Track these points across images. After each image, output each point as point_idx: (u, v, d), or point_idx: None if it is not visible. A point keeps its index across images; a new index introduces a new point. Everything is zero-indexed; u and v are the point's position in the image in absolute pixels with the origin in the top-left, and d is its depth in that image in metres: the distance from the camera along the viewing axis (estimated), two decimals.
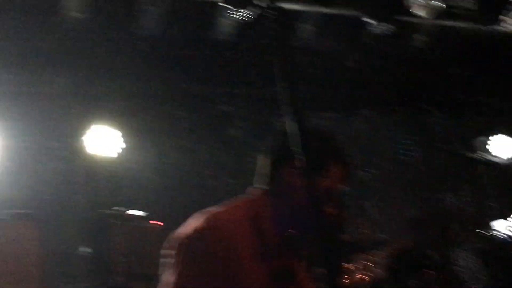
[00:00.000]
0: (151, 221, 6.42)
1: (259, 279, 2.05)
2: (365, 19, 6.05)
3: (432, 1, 5.97)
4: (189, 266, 2.01)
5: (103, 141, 6.95)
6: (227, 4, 5.58)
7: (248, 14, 5.57)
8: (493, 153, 7.87)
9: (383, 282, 6.08)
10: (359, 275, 6.13)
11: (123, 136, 7.07)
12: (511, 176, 8.29)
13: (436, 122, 8.27)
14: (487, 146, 7.91)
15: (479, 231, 7.52)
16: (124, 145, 7.07)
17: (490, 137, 7.93)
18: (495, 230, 7.21)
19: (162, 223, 6.31)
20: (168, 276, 2.06)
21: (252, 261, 2.05)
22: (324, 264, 1.62)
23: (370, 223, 7.23)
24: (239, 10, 5.60)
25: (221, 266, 1.99)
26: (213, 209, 2.18)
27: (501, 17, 6.58)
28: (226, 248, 2.01)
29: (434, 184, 7.08)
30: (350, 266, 6.06)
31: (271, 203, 2.21)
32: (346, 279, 5.90)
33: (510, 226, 7.21)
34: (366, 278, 6.11)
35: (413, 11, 6.05)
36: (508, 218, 7.34)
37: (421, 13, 6.02)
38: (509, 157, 7.98)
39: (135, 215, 6.47)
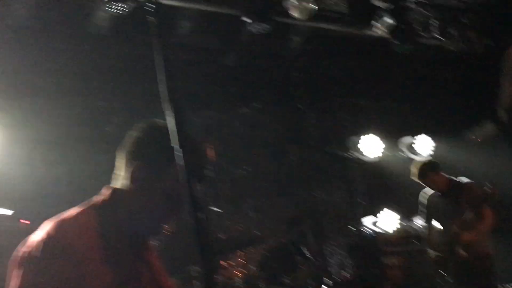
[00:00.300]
0: (21, 220, 6.13)
1: (106, 284, 2.01)
2: (243, 18, 6.10)
3: (305, 3, 6.12)
4: (30, 279, 1.93)
5: None
6: None
7: (126, 7, 5.45)
8: (363, 152, 8.19)
9: (258, 278, 6.18)
10: (234, 272, 6.19)
11: None
12: (379, 174, 8.70)
13: (310, 122, 8.50)
14: (358, 145, 8.21)
15: (349, 226, 7.83)
16: None
17: (361, 137, 8.25)
18: (363, 225, 7.54)
19: (29, 222, 6.01)
20: None
21: (98, 266, 1.99)
22: (199, 262, 1.62)
23: (245, 221, 7.32)
24: (118, 3, 5.47)
25: (65, 274, 1.92)
26: (62, 215, 2.10)
27: (372, 22, 6.88)
28: (70, 255, 1.94)
29: (308, 182, 7.27)
30: (226, 263, 6.11)
31: (121, 204, 2.17)
32: (222, 276, 5.93)
33: (376, 222, 7.55)
34: (241, 275, 6.18)
35: (288, 12, 6.18)
36: (376, 214, 7.68)
37: (295, 14, 6.16)
38: (378, 155, 8.35)
39: (2, 214, 6.15)
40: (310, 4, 6.17)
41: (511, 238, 7.22)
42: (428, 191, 6.76)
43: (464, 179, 6.56)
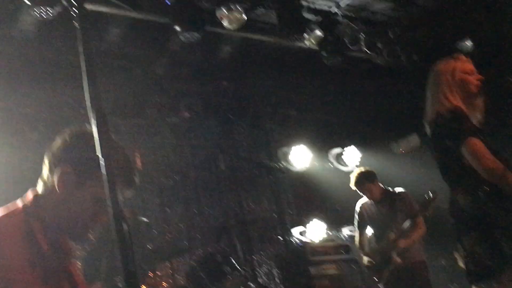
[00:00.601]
0: None
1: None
2: (173, 26, 6.06)
3: (236, 13, 6.14)
4: None
5: None
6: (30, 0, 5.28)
7: (52, 12, 5.31)
8: (293, 163, 8.27)
9: None
10: (161, 283, 6.11)
11: None
12: (307, 184, 8.79)
13: (240, 132, 8.51)
14: (288, 156, 8.28)
15: (277, 236, 7.87)
16: None
17: (291, 147, 8.32)
18: (291, 235, 7.59)
19: None
20: None
21: (23, 270, 1.95)
22: (122, 272, 1.59)
23: (173, 230, 7.25)
24: (43, 7, 5.33)
25: None
26: None
27: (302, 34, 6.96)
28: None
29: (237, 191, 7.27)
30: (152, 273, 6.02)
31: (45, 208, 2.14)
32: (148, 286, 5.84)
33: (304, 232, 7.62)
34: (168, 285, 6.10)
35: (219, 21, 6.18)
36: (304, 224, 7.74)
37: (226, 24, 6.17)
38: (307, 166, 8.44)
39: None
40: (241, 15, 6.20)
41: (440, 246, 7.47)
42: (364, 199, 6.99)
43: (398, 189, 6.83)
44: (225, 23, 6.20)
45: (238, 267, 6.16)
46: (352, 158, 8.88)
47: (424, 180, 6.97)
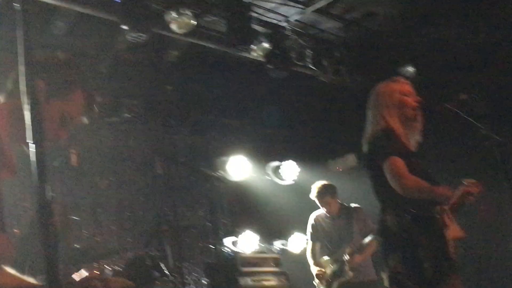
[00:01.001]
0: None
1: None
2: (121, 25, 5.97)
3: (185, 18, 6.11)
4: None
5: None
6: None
7: None
8: (230, 173, 8.24)
9: None
10: (88, 284, 5.97)
11: None
12: (243, 195, 8.79)
13: (180, 137, 8.45)
14: (226, 165, 8.25)
15: (209, 245, 7.83)
16: None
17: (230, 157, 8.29)
18: (223, 245, 7.56)
19: None
20: None
21: None
22: (47, 271, 1.54)
23: (104, 232, 7.12)
24: None
25: None
26: None
27: (251, 45, 6.99)
28: None
29: (172, 197, 7.19)
30: (79, 274, 5.88)
31: None
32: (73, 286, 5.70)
33: (236, 242, 7.61)
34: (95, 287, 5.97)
35: (168, 24, 6.14)
36: (237, 235, 7.73)
37: (174, 27, 6.13)
38: (245, 177, 8.44)
39: None
40: (190, 20, 6.18)
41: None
42: (318, 212, 7.15)
43: (353, 205, 7.02)
44: (173, 26, 6.16)
45: (167, 272, 6.09)
46: (289, 172, 8.93)
47: (359, 199, 7.08)
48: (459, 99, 3.89)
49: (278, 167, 8.94)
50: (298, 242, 8.37)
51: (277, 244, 8.20)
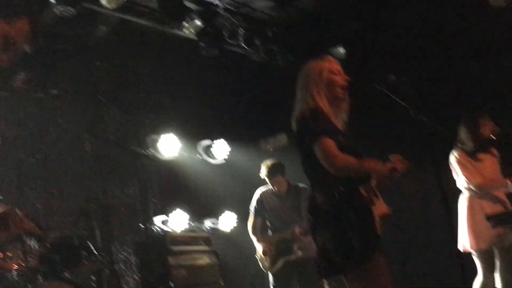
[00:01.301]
0: None
1: None
2: None
3: None
4: None
5: None
6: None
7: None
8: (161, 151, 8.16)
9: (36, 272, 5.87)
10: (10, 264, 5.83)
11: None
12: (173, 174, 8.73)
13: (110, 115, 8.29)
14: (156, 144, 8.16)
15: (138, 224, 7.77)
16: None
17: (161, 135, 8.20)
18: (153, 223, 7.51)
19: None
20: None
21: None
22: None
23: (30, 210, 6.93)
24: None
25: None
26: None
27: (183, 23, 6.92)
28: None
29: (101, 175, 7.05)
30: (3, 254, 5.73)
31: None
32: None
33: (166, 221, 7.57)
34: (18, 267, 5.83)
35: None
36: (167, 213, 7.68)
37: (104, 2, 6.00)
38: (175, 155, 8.37)
39: None
40: None
41: None
42: (265, 188, 7.23)
43: (301, 184, 7.05)
44: (103, 1, 6.03)
45: (95, 252, 6.01)
46: (221, 151, 8.93)
47: (291, 178, 7.17)
48: (388, 80, 3.97)
49: (209, 146, 8.92)
50: (229, 221, 8.41)
51: (208, 223, 8.21)
